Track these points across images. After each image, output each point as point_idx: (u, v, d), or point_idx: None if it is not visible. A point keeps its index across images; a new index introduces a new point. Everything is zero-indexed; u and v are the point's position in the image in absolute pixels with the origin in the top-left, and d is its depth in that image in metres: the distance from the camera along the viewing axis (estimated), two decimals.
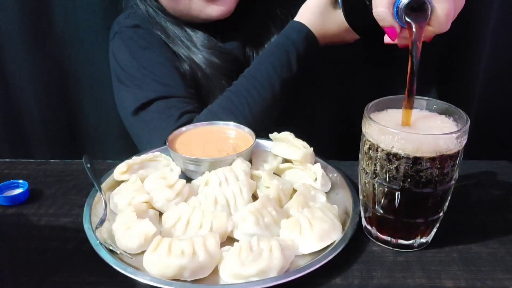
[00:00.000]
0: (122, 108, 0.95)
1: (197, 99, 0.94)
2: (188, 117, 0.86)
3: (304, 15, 0.87)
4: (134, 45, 0.96)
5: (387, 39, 0.61)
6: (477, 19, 0.99)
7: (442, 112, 0.58)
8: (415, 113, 0.57)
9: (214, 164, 0.68)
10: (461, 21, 0.61)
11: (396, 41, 0.60)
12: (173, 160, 0.73)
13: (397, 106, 0.59)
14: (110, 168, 0.71)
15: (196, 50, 0.95)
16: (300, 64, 0.87)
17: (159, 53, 0.95)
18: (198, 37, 0.96)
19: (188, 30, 0.96)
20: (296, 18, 0.88)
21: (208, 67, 0.94)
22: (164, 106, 0.88)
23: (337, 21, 0.85)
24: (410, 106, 0.56)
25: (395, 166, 0.53)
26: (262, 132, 0.76)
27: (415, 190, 0.54)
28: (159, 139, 0.79)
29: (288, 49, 0.86)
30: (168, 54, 0.95)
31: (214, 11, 0.91)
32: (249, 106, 0.84)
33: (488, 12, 0.99)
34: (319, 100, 1.06)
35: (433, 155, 0.52)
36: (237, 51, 0.99)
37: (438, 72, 1.08)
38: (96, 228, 0.59)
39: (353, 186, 0.67)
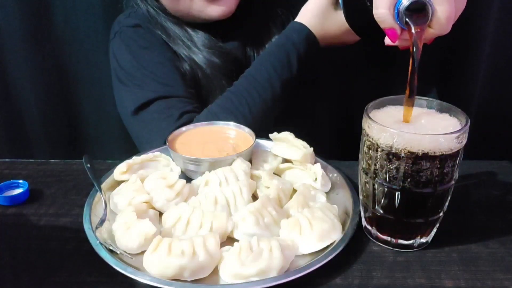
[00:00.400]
0: (122, 108, 0.95)
1: (197, 99, 0.94)
2: (188, 117, 0.86)
3: (305, 16, 0.87)
4: (134, 44, 0.96)
5: (387, 40, 0.61)
6: (477, 20, 0.99)
7: (442, 112, 0.58)
8: (415, 112, 0.57)
9: (214, 164, 0.68)
10: (461, 22, 0.61)
11: (396, 43, 0.60)
12: (173, 160, 0.73)
13: (397, 105, 0.59)
14: (110, 168, 0.71)
15: (197, 50, 0.95)
16: (301, 65, 0.87)
17: (160, 53, 0.95)
18: (198, 37, 0.96)
19: (189, 30, 0.96)
20: (297, 19, 0.88)
21: (208, 67, 0.94)
22: (164, 106, 0.88)
23: (337, 22, 0.84)
24: (411, 106, 0.56)
25: (395, 166, 0.53)
26: (262, 132, 0.76)
27: (415, 190, 0.54)
28: (159, 139, 0.79)
29: (288, 49, 0.86)
30: (168, 54, 0.95)
31: (215, 11, 0.91)
32: (249, 106, 0.84)
33: (488, 12, 0.99)
34: (319, 100, 1.06)
35: (433, 155, 0.52)
36: (238, 51, 0.98)
37: (438, 72, 1.08)
38: (96, 228, 0.59)
39: (353, 186, 0.67)
